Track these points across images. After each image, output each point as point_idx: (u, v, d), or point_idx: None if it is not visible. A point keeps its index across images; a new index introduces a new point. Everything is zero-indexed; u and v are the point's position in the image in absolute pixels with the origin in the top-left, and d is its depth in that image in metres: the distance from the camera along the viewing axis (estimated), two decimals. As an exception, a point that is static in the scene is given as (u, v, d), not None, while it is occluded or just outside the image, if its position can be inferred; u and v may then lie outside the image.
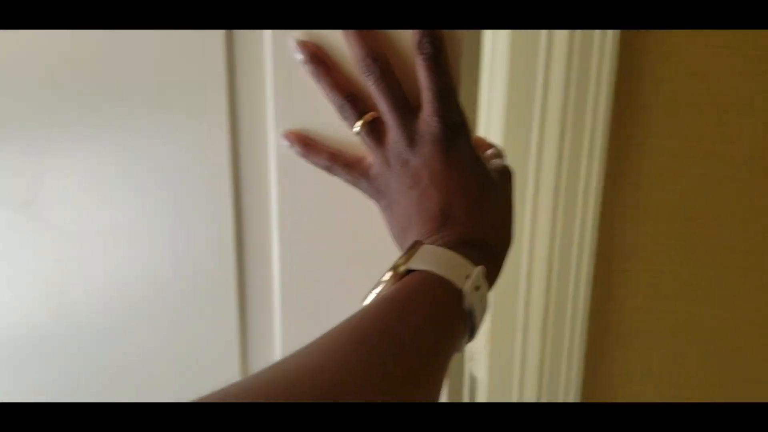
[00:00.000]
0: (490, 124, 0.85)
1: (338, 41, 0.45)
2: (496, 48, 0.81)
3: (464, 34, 0.44)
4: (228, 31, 0.48)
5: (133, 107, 0.51)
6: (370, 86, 0.43)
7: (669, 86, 0.84)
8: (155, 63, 0.49)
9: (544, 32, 0.78)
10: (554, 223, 0.87)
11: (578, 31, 0.78)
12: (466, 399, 1.03)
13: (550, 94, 0.81)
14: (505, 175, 0.46)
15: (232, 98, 0.50)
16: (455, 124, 0.43)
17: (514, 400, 0.98)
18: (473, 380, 1.03)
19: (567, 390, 0.97)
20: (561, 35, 0.78)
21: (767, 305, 0.95)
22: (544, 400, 0.97)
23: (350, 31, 0.43)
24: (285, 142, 0.48)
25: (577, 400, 0.99)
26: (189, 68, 0.49)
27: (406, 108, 0.43)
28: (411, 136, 0.43)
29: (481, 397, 1.00)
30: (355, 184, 0.46)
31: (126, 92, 0.50)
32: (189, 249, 0.54)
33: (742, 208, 0.91)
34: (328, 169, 0.47)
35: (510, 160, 0.85)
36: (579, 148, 0.83)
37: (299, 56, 0.45)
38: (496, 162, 0.48)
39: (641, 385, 1.00)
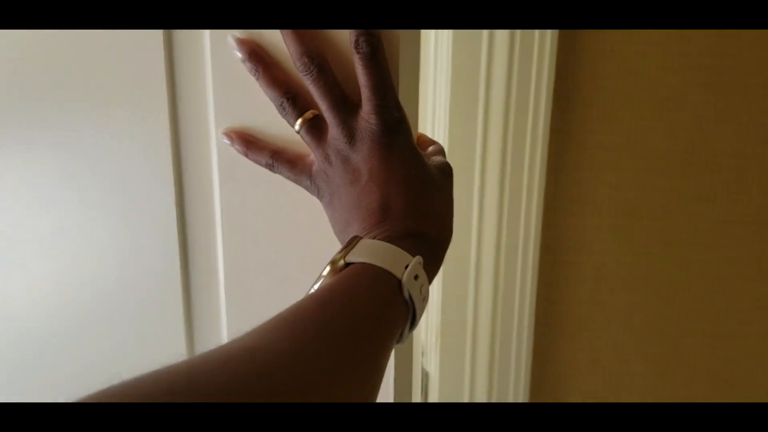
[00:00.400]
0: (435, 123, 0.86)
1: (277, 39, 0.45)
2: (439, 49, 0.82)
3: (401, 32, 0.45)
4: (167, 30, 0.48)
5: (73, 108, 0.50)
6: (308, 85, 0.44)
7: (606, 84, 0.87)
8: (94, 63, 0.49)
9: (485, 34, 0.80)
10: (500, 220, 0.89)
11: (518, 33, 0.80)
12: (418, 393, 1.04)
13: (493, 93, 0.83)
14: (444, 172, 0.47)
15: (173, 97, 0.50)
16: (394, 120, 0.43)
17: (465, 392, 1.00)
18: (426, 375, 1.04)
19: (517, 381, 0.99)
20: (502, 37, 0.80)
21: (704, 293, 0.99)
22: (494, 391, 0.99)
23: (286, 30, 0.43)
24: (226, 140, 0.48)
25: (527, 391, 1.01)
26: (129, 68, 0.49)
27: (345, 105, 0.44)
28: (350, 134, 0.43)
29: (433, 391, 1.01)
30: (297, 181, 0.47)
31: (65, 93, 0.50)
32: (133, 249, 0.54)
33: (678, 200, 0.95)
34: (270, 167, 0.47)
35: (455, 159, 0.86)
36: (522, 145, 0.85)
37: (238, 54, 0.45)
38: (436, 159, 0.49)
39: (588, 374, 1.03)
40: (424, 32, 0.84)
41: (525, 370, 0.99)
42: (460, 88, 0.82)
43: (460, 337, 0.97)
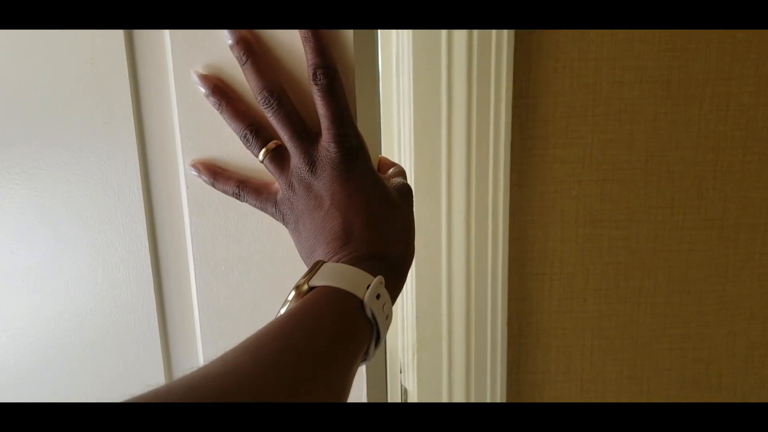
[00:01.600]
0: (401, 145, 0.89)
1: (239, 74, 0.47)
2: (400, 75, 0.85)
3: (357, 60, 0.48)
4: (133, 68, 0.50)
5: (43, 146, 0.51)
6: (270, 117, 0.46)
7: (563, 100, 0.90)
8: (62, 102, 0.50)
9: (444, 56, 0.83)
10: (468, 236, 0.91)
11: (476, 56, 0.83)
12: (398, 410, 1.05)
13: (455, 113, 0.85)
14: (403, 192, 0.49)
15: (141, 132, 0.51)
16: (352, 147, 0.45)
17: (444, 407, 1.01)
18: (405, 392, 1.05)
19: (493, 393, 1.01)
20: (460, 57, 0.83)
21: (670, 298, 1.02)
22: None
23: (247, 66, 0.45)
24: (193, 172, 0.49)
25: (504, 402, 1.03)
26: (97, 105, 0.51)
27: (306, 135, 0.46)
28: (312, 162, 0.45)
29: (413, 407, 1.03)
30: (263, 209, 0.48)
31: (34, 132, 0.51)
32: (108, 281, 0.55)
33: (640, 208, 0.97)
34: (237, 196, 0.49)
35: (421, 180, 0.88)
36: (485, 162, 0.88)
37: (202, 89, 0.47)
38: (395, 180, 0.51)
39: (563, 382, 1.05)
40: (386, 60, 0.86)
41: (501, 382, 1.01)
42: (423, 111, 0.85)
43: (436, 353, 0.99)
